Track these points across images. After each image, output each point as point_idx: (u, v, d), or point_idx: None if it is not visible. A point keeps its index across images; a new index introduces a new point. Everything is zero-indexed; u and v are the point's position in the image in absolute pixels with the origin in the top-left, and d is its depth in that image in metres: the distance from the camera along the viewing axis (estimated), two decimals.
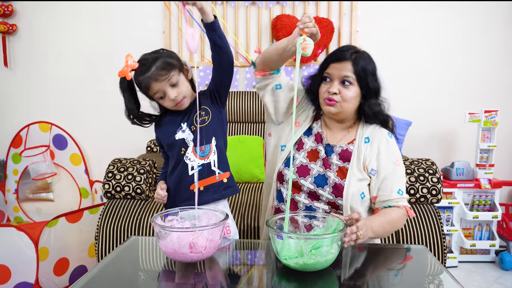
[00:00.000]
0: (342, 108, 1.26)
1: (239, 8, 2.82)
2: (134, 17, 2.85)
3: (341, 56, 1.24)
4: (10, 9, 2.83)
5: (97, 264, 1.03)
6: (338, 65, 1.24)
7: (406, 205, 1.26)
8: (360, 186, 1.25)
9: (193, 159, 1.29)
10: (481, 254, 2.57)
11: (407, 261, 1.11)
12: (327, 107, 1.27)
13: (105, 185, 1.92)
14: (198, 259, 1.00)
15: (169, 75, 1.24)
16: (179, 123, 1.32)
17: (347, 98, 1.24)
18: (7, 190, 2.94)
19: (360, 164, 1.27)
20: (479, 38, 2.77)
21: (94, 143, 2.99)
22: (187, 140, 1.30)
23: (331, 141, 1.33)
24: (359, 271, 1.04)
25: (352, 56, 1.24)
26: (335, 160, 1.29)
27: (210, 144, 1.31)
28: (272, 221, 1.06)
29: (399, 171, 1.27)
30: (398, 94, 2.81)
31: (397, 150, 1.30)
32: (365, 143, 1.29)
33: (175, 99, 1.26)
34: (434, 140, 2.88)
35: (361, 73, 1.23)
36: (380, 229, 1.16)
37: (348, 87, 1.24)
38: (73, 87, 2.97)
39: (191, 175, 1.29)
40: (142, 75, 1.23)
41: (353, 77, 1.23)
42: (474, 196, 2.56)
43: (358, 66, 1.23)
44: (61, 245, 1.98)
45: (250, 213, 1.88)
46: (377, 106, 1.28)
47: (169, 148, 1.35)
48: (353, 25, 2.77)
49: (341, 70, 1.23)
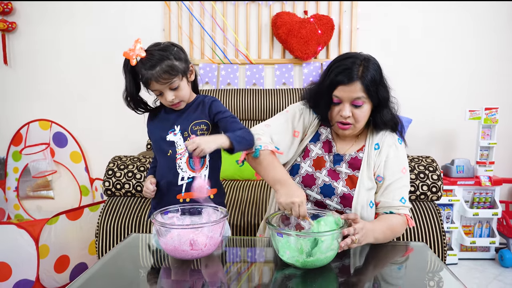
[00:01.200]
0: (356, 128, 1.23)
1: (239, 5, 2.82)
2: (134, 14, 2.85)
3: (349, 78, 1.14)
4: (10, 7, 2.83)
5: (98, 261, 1.04)
6: (347, 87, 1.15)
7: (407, 214, 1.24)
8: (369, 195, 1.23)
9: (185, 169, 1.29)
10: (481, 251, 2.57)
11: (407, 258, 1.12)
12: (341, 130, 1.23)
13: (105, 183, 1.92)
14: (199, 256, 1.00)
15: (171, 80, 1.23)
16: (172, 123, 1.31)
17: (360, 119, 1.20)
18: (7, 188, 2.94)
19: (371, 172, 1.24)
20: (479, 36, 2.76)
21: (94, 140, 2.99)
22: (177, 144, 1.29)
23: (341, 150, 1.29)
24: (359, 268, 1.04)
25: (359, 72, 1.15)
26: (344, 169, 1.26)
27: (205, 159, 1.31)
28: (273, 218, 1.06)
29: (404, 180, 1.24)
30: (398, 92, 2.76)
31: (405, 158, 1.27)
32: (375, 150, 1.26)
33: (172, 101, 1.26)
34: (434, 138, 2.88)
35: (371, 87, 1.15)
36: (381, 235, 1.14)
37: (360, 107, 1.18)
38: (73, 85, 2.96)
39: (179, 185, 1.29)
40: (145, 70, 1.21)
41: (364, 96, 1.16)
42: (474, 194, 2.56)
43: (367, 82, 1.15)
44: (62, 243, 1.99)
45: (251, 211, 1.88)
46: (388, 114, 1.24)
47: (156, 145, 1.34)
48: (353, 22, 2.77)
49: (351, 92, 1.15)
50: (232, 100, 2.62)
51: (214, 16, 2.81)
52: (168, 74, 1.21)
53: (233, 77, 2.83)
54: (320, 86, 1.23)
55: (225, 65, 2.83)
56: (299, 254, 0.94)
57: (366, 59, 1.19)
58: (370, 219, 1.23)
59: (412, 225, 1.24)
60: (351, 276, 0.98)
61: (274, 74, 2.83)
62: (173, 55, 1.23)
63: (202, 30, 2.84)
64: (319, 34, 2.67)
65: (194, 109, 1.32)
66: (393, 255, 1.13)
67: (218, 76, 2.86)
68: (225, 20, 2.82)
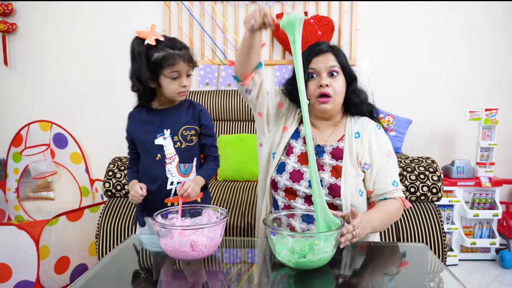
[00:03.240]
0: (336, 102, 1.26)
1: (239, 6, 2.82)
2: (134, 16, 2.85)
3: (321, 49, 1.26)
4: (10, 8, 2.83)
5: (98, 262, 1.04)
6: (322, 57, 1.25)
7: (402, 195, 1.26)
8: (357, 183, 1.25)
9: (174, 174, 1.30)
10: (482, 252, 2.57)
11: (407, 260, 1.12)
12: (321, 105, 1.25)
13: (105, 184, 1.93)
14: (199, 258, 1.00)
15: (192, 65, 1.29)
16: (159, 125, 1.30)
17: (337, 90, 1.25)
18: (7, 189, 2.94)
19: (354, 160, 1.26)
20: (479, 36, 2.76)
21: (94, 141, 3.00)
22: (166, 148, 1.29)
23: (320, 141, 1.32)
24: (357, 270, 1.03)
25: (329, 48, 1.27)
26: (328, 160, 1.27)
27: (192, 163, 1.33)
28: (269, 219, 1.06)
29: (391, 163, 1.27)
30: (398, 93, 2.81)
31: (387, 142, 1.29)
32: (355, 138, 1.28)
33: (185, 87, 1.28)
34: (434, 138, 2.88)
35: (342, 59, 1.26)
36: (378, 223, 1.16)
37: (336, 78, 1.25)
38: (73, 86, 2.97)
39: (169, 189, 1.30)
40: (171, 49, 1.23)
41: (338, 66, 1.25)
42: (474, 194, 2.56)
43: (338, 55, 1.26)
44: (62, 244, 1.99)
45: (250, 212, 1.88)
46: (362, 93, 1.31)
47: (142, 148, 1.33)
48: (353, 23, 2.77)
49: (326, 62, 1.24)
50: (232, 101, 2.62)
51: (214, 17, 2.82)
52: (191, 59, 1.28)
53: (231, 78, 2.83)
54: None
55: (225, 67, 2.83)
56: (291, 254, 0.94)
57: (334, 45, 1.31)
58: (361, 207, 1.25)
59: (409, 206, 1.27)
60: (349, 278, 0.97)
61: (274, 75, 2.83)
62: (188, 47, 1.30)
63: (202, 31, 2.84)
64: (319, 35, 2.67)
65: (185, 112, 1.33)
66: (393, 257, 1.13)
67: (218, 77, 2.86)
68: (225, 21, 2.82)
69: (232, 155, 2.35)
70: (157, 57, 1.22)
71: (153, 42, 1.21)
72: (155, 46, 1.22)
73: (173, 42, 1.25)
